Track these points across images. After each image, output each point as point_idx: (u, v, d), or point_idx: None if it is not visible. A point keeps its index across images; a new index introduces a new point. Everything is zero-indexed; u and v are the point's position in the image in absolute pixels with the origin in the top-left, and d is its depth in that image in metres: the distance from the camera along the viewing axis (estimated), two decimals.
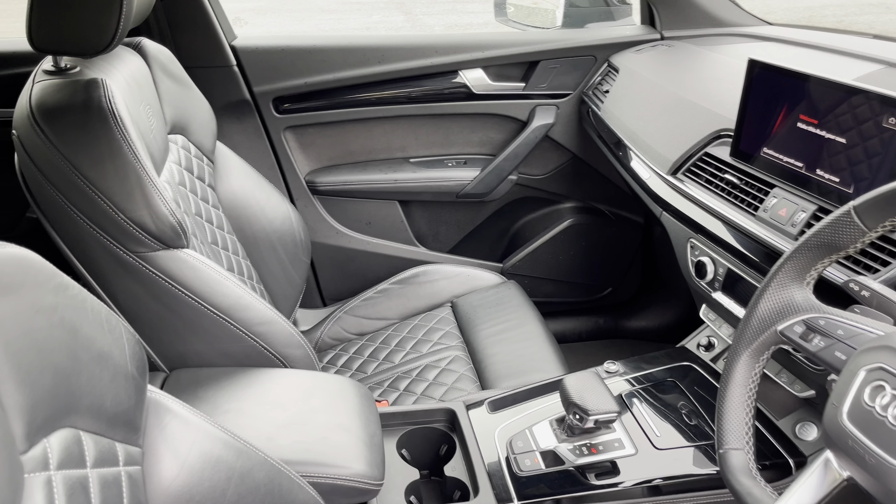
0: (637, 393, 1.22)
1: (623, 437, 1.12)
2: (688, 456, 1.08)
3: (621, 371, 1.27)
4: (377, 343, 1.66)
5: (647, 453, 1.09)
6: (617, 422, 1.14)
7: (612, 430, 1.13)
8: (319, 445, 1.00)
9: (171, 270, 1.08)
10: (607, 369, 1.27)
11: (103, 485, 0.67)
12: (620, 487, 1.05)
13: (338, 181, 1.83)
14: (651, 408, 1.18)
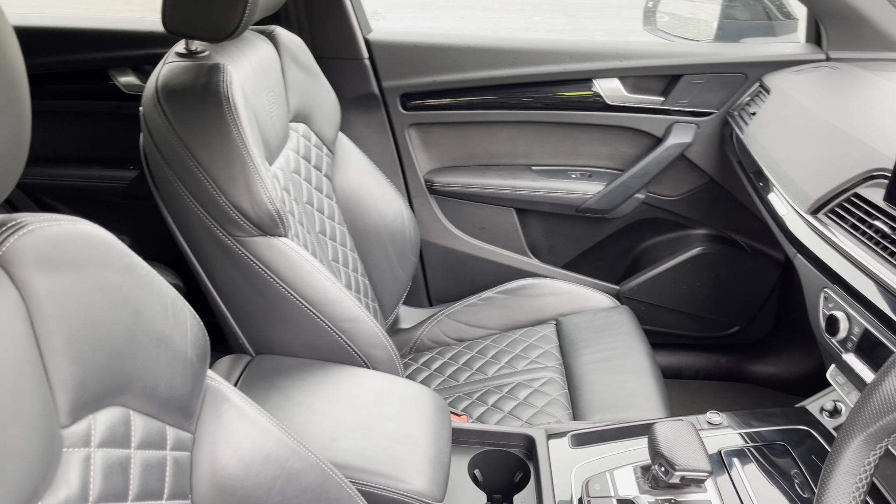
0: (740, 452, 1.09)
1: (714, 500, 1.00)
2: None
3: (725, 424, 1.14)
4: (473, 352, 1.62)
5: None
6: (710, 482, 1.02)
7: (703, 489, 1.01)
8: (382, 455, 0.98)
9: (266, 257, 1.09)
10: (710, 420, 1.15)
11: (145, 467, 0.67)
12: None
13: (456, 182, 1.80)
14: (754, 472, 1.05)
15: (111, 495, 0.63)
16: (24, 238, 0.59)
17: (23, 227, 0.59)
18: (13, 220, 0.60)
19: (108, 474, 0.63)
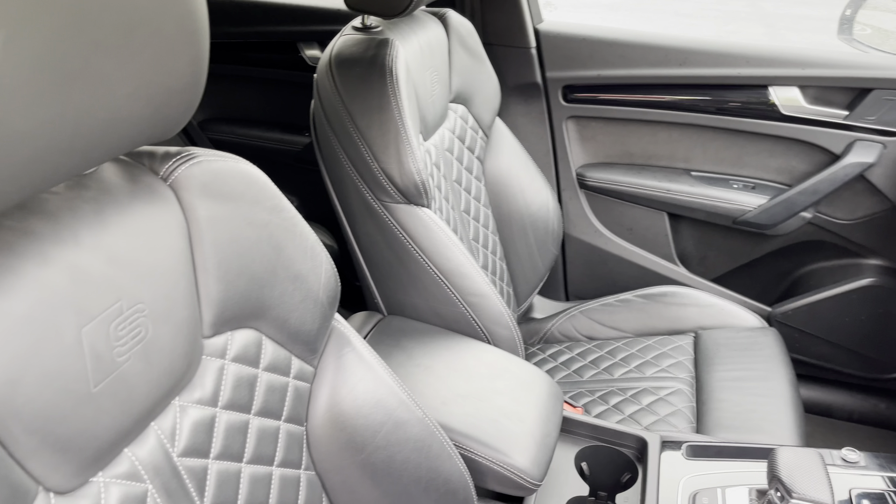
0: (877, 497, 1.00)
1: None
2: None
3: (863, 464, 1.05)
4: (602, 351, 1.60)
5: None
6: None
7: None
8: (488, 425, 1.00)
9: (407, 224, 1.15)
10: (844, 457, 1.06)
11: (269, 388, 0.75)
12: None
13: (609, 179, 1.77)
14: None
15: (237, 405, 0.71)
16: (194, 168, 0.68)
17: (193, 158, 0.68)
18: (186, 151, 0.69)
19: (237, 386, 0.71)
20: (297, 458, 0.78)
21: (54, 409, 0.52)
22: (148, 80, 0.54)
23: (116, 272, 0.58)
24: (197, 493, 0.66)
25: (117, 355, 0.57)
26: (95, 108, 0.50)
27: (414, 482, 0.85)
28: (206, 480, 0.67)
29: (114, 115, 0.52)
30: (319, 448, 0.81)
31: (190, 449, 0.66)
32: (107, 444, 0.57)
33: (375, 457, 0.83)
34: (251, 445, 0.72)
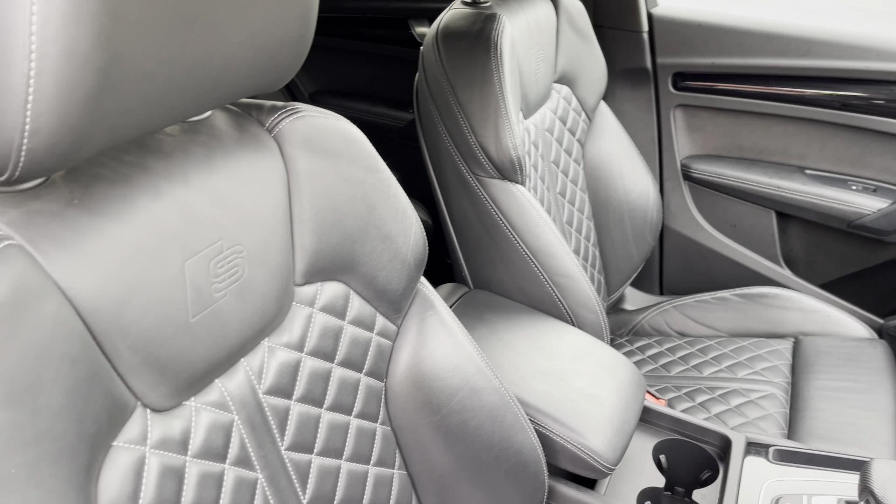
0: None
1: None
2: None
3: None
4: (693, 349, 1.55)
5: None
6: None
7: None
8: (565, 405, 1.00)
9: (499, 199, 1.16)
10: None
11: (353, 341, 0.78)
12: None
13: (715, 172, 1.71)
14: None
15: (322, 353, 0.74)
16: (297, 122, 0.71)
17: (297, 113, 0.71)
18: (291, 105, 0.72)
19: (323, 335, 0.74)
20: (374, 411, 0.81)
21: (156, 333, 0.56)
22: (259, 30, 0.57)
23: (220, 213, 0.62)
24: (278, 430, 0.70)
25: (215, 291, 0.61)
26: (210, 53, 0.53)
27: (485, 449, 0.86)
28: (287, 420, 0.70)
29: (226, 62, 0.56)
30: (396, 405, 0.83)
31: (275, 388, 0.69)
32: (200, 372, 0.61)
33: (450, 420, 0.84)
34: (332, 393, 0.75)
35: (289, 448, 0.71)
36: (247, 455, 0.66)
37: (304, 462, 0.72)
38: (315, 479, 0.73)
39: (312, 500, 0.73)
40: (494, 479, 0.88)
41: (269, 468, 0.68)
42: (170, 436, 0.59)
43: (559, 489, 0.99)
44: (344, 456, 0.77)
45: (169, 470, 0.58)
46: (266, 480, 0.68)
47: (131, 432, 0.56)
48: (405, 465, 0.85)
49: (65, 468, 0.48)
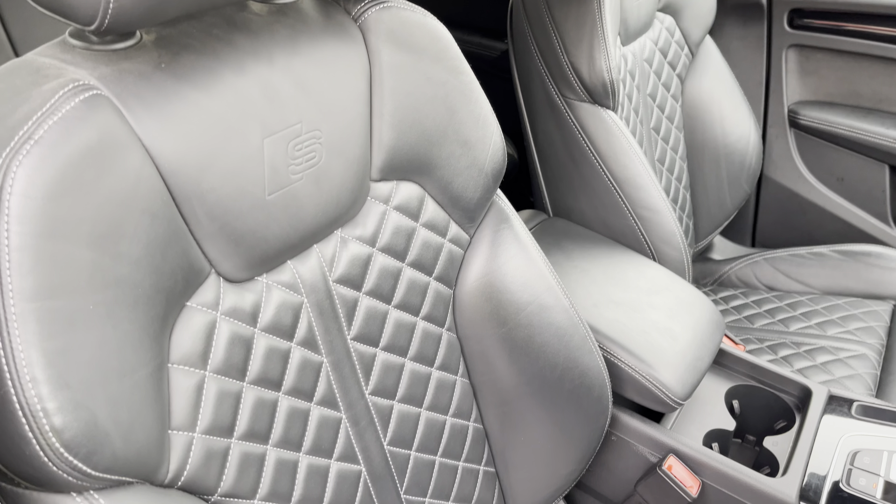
0: None
1: None
2: None
3: None
4: (781, 303, 1.48)
5: None
6: None
7: None
8: (637, 335, 0.98)
9: (588, 124, 1.12)
10: None
11: (425, 244, 0.78)
12: None
13: (826, 120, 1.59)
14: None
15: (393, 251, 0.75)
16: (383, 12, 0.70)
17: (384, 3, 0.71)
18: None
19: (396, 233, 0.75)
20: (441, 316, 0.81)
21: (233, 203, 0.58)
22: None
23: (301, 96, 0.63)
24: (346, 320, 0.71)
25: (291, 172, 0.63)
26: None
27: (549, 367, 0.85)
28: (355, 311, 0.72)
29: None
30: (464, 314, 0.83)
31: (345, 278, 0.71)
32: (274, 250, 0.63)
33: (515, 334, 0.84)
34: (400, 291, 0.76)
35: (355, 339, 0.72)
36: (313, 338, 0.68)
37: (369, 354, 0.74)
38: (378, 372, 0.75)
39: (375, 391, 0.74)
40: (556, 399, 0.87)
41: (334, 354, 0.70)
42: (241, 307, 0.61)
43: (623, 418, 0.98)
44: (408, 355, 0.78)
45: (238, 338, 0.61)
46: (330, 365, 0.70)
47: (205, 296, 0.59)
48: (468, 375, 0.86)
49: (141, 315, 0.51)
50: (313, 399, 0.68)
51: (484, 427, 0.88)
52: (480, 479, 0.88)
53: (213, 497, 0.58)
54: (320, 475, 0.68)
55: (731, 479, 0.92)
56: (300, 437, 0.67)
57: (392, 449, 0.77)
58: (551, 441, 0.89)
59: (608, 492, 1.03)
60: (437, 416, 0.82)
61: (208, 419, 0.58)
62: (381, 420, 0.75)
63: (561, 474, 0.92)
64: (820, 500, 0.88)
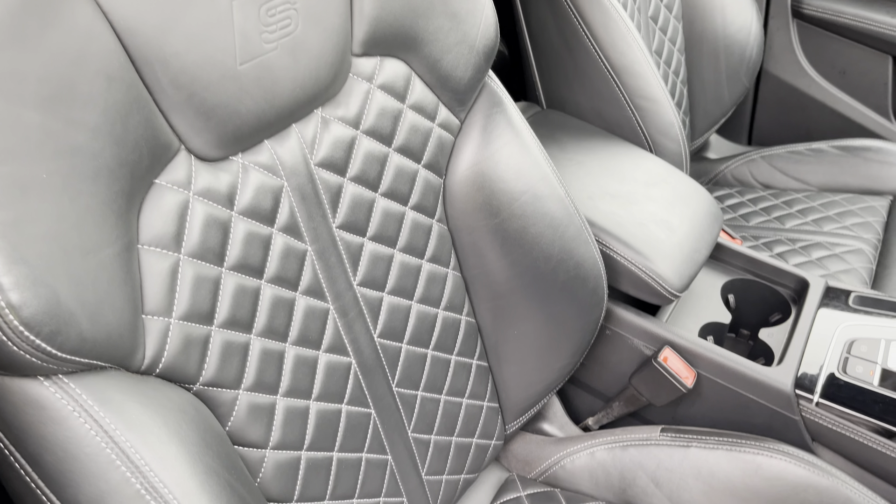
0: None
1: None
2: None
3: None
4: (778, 201, 1.45)
5: None
6: None
7: None
8: (634, 228, 0.94)
9: (583, 9, 1.05)
10: None
11: (412, 128, 0.73)
12: None
13: (832, 10, 1.52)
14: None
15: (379, 134, 0.70)
16: None
17: None
18: None
19: (381, 115, 0.70)
20: (431, 206, 0.77)
21: (201, 72, 0.53)
22: None
23: None
24: (330, 206, 0.67)
25: (264, 41, 0.57)
26: None
27: (544, 259, 0.82)
28: (340, 197, 0.68)
29: None
30: (455, 204, 0.80)
31: (328, 162, 0.66)
32: (248, 126, 0.58)
33: (509, 224, 0.80)
34: (388, 179, 0.72)
35: (340, 227, 0.68)
36: (296, 224, 0.64)
37: (356, 244, 0.70)
38: (366, 262, 0.71)
39: (363, 282, 0.71)
40: (550, 291, 0.85)
41: (319, 242, 0.67)
42: (216, 188, 0.57)
43: (617, 312, 0.96)
44: (397, 245, 0.75)
45: (214, 220, 0.57)
46: (315, 254, 0.66)
47: (176, 174, 0.54)
48: (460, 268, 0.83)
49: (103, 189, 0.47)
50: (298, 288, 0.65)
51: (476, 321, 0.86)
52: (473, 373, 0.86)
53: (195, 386, 0.56)
54: (308, 366, 0.66)
55: (727, 370, 0.91)
56: (286, 328, 0.64)
57: (383, 341, 0.74)
58: (545, 334, 0.87)
59: (601, 386, 1.03)
60: (429, 309, 0.79)
61: (185, 304, 0.54)
62: (370, 312, 0.73)
63: (554, 368, 0.91)
64: (815, 387, 0.87)
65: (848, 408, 0.84)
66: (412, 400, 0.79)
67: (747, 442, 0.86)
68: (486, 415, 0.89)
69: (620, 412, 1.01)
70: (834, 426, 0.86)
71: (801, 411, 0.87)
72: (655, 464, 0.90)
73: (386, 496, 0.77)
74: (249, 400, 0.60)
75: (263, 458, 0.62)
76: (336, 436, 0.70)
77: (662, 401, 0.95)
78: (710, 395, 0.93)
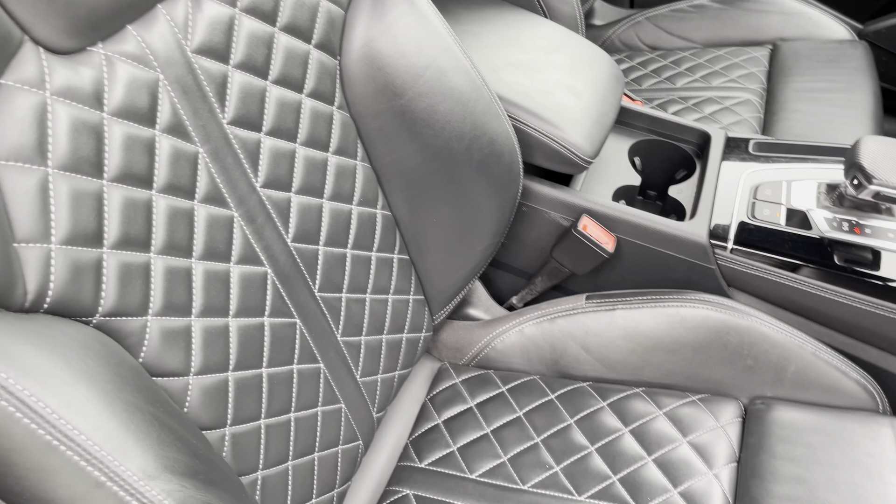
0: None
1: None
2: None
3: None
4: (666, 61, 1.45)
5: None
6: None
7: (893, 217, 0.87)
8: (541, 97, 0.91)
9: None
10: None
11: (297, 2, 0.65)
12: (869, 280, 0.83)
13: None
14: None
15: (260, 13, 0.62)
16: None
17: None
18: None
19: None
20: (328, 91, 0.70)
21: None
22: None
23: None
24: (217, 99, 0.59)
25: None
26: None
27: (456, 138, 0.78)
28: (226, 88, 0.59)
29: None
30: (354, 88, 0.73)
31: (206, 48, 0.57)
32: (103, 7, 0.48)
33: (416, 104, 0.74)
34: (277, 63, 0.64)
35: (232, 122, 0.60)
36: (181, 123, 0.56)
37: (253, 141, 0.63)
38: (267, 161, 0.64)
39: (267, 183, 0.64)
40: (466, 171, 0.80)
41: (211, 142, 0.59)
42: (78, 85, 0.48)
43: (532, 187, 0.94)
44: (298, 139, 0.67)
45: (83, 125, 0.48)
46: (208, 156, 0.58)
47: (24, 72, 0.45)
48: (369, 158, 0.77)
49: None
50: (195, 196, 0.57)
51: (392, 213, 0.81)
52: (395, 268, 0.82)
53: (95, 318, 0.49)
54: (220, 281, 0.60)
55: (644, 230, 0.91)
56: (188, 242, 0.57)
57: (297, 246, 0.68)
58: (464, 217, 0.84)
59: (523, 264, 1.02)
60: (342, 206, 0.73)
61: (65, 226, 0.46)
62: (279, 215, 0.66)
63: (476, 251, 0.88)
64: (728, 235, 0.89)
65: (759, 250, 0.87)
66: (337, 304, 0.75)
67: (669, 296, 0.88)
68: (412, 308, 0.86)
69: (544, 287, 1.01)
70: (747, 269, 0.88)
71: (716, 260, 0.90)
72: (584, 331, 0.90)
73: (323, 405, 0.73)
74: (161, 326, 0.54)
75: (187, 386, 0.56)
76: (262, 351, 0.64)
77: (585, 269, 0.95)
78: (630, 257, 0.94)
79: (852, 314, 0.85)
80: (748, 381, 0.84)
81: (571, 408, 0.87)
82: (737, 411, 0.83)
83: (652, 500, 0.76)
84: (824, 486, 0.73)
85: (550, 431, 0.85)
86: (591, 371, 0.91)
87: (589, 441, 0.83)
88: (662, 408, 0.84)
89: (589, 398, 0.87)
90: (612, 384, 0.89)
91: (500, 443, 0.85)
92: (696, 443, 0.80)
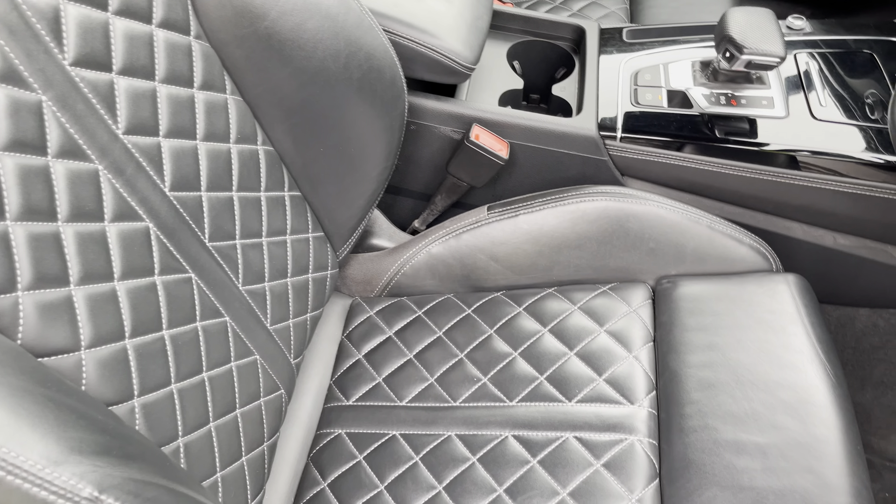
0: (818, 56, 0.95)
1: (777, 95, 0.89)
2: (851, 135, 0.86)
3: (808, 30, 0.99)
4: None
5: (800, 121, 0.88)
6: (775, 78, 0.91)
7: (766, 86, 0.90)
8: (412, 5, 0.86)
9: None
10: (790, 25, 1.00)
11: None
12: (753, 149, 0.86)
13: None
14: (827, 77, 0.92)
15: None
16: None
17: None
18: None
19: None
20: (181, 20, 0.63)
21: None
22: None
23: None
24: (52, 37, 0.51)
25: None
26: None
27: (331, 57, 0.73)
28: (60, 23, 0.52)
29: None
30: (210, 14, 0.66)
31: None
32: None
33: (281, 24, 0.69)
34: None
35: (75, 63, 0.53)
36: (12, 68, 0.48)
37: (104, 82, 0.56)
38: (126, 104, 0.57)
39: (130, 129, 0.58)
40: (347, 92, 0.76)
41: (55, 88, 0.51)
42: None
43: (418, 102, 0.90)
44: (157, 77, 0.61)
45: None
46: (55, 104, 0.51)
47: None
48: (239, 91, 0.71)
49: None
50: (48, 151, 0.51)
51: (275, 148, 0.76)
52: (288, 207, 0.78)
53: None
54: (96, 243, 0.54)
55: (535, 131, 0.90)
56: (49, 203, 0.50)
57: (177, 194, 0.63)
58: (353, 141, 0.80)
59: (420, 186, 0.99)
60: (219, 146, 0.68)
61: None
62: (151, 164, 0.60)
63: (370, 177, 0.85)
64: (616, 125, 0.90)
65: (647, 134, 0.88)
66: (232, 252, 0.70)
67: (567, 194, 0.88)
68: (314, 247, 0.82)
69: (444, 205, 0.99)
70: (638, 155, 0.90)
71: (608, 151, 0.90)
72: (490, 241, 0.90)
73: (237, 359, 0.69)
74: (35, 300, 0.48)
75: (81, 362, 0.50)
76: (160, 313, 0.59)
77: (483, 180, 0.93)
78: (525, 161, 0.93)
79: (738, 183, 0.88)
80: (652, 263, 0.87)
81: (489, 318, 0.87)
82: (646, 294, 0.86)
83: (580, 391, 0.77)
84: (734, 347, 0.76)
85: (472, 345, 0.84)
86: (503, 280, 0.90)
87: (511, 347, 0.83)
88: (576, 303, 0.86)
89: (505, 306, 0.87)
90: (525, 289, 0.90)
91: (425, 365, 0.84)
92: (612, 330, 0.82)
